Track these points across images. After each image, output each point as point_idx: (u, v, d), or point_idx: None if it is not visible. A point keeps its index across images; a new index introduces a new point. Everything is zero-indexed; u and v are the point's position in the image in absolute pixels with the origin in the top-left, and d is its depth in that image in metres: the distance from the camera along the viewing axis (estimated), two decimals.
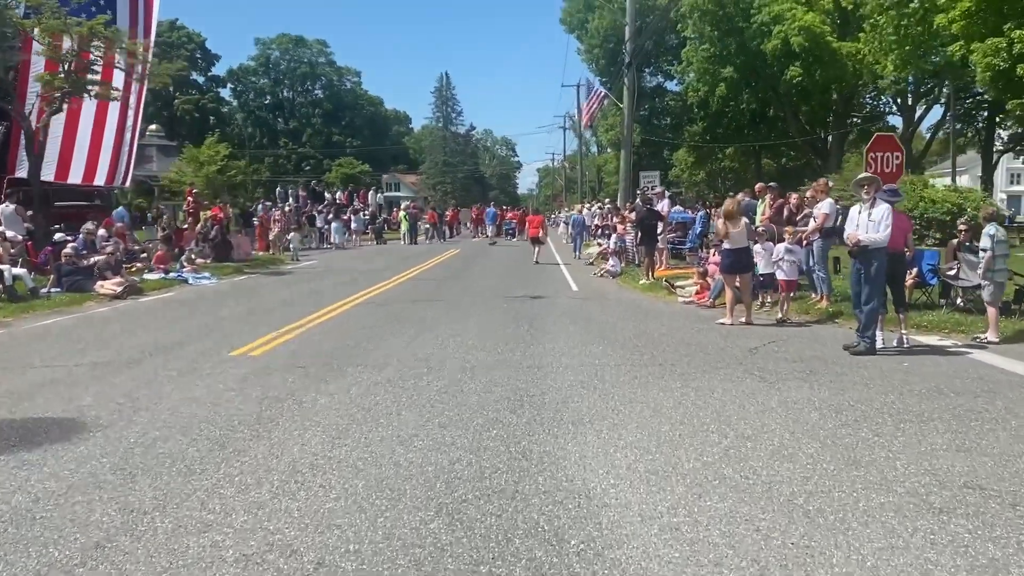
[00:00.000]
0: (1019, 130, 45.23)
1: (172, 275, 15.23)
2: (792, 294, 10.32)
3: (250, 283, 15.28)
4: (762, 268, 11.06)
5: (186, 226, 20.42)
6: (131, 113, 27.46)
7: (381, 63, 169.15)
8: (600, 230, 29.94)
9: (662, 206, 15.54)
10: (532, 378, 6.44)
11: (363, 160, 76.87)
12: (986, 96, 44.01)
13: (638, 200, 20.14)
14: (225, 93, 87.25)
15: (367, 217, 35.25)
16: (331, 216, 29.81)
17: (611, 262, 16.63)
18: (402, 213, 33.50)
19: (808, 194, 11.59)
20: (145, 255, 17.21)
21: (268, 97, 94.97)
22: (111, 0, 25.90)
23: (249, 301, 12.06)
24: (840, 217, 11.52)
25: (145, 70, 25.15)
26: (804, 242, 10.43)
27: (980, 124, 48.42)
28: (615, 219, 19.90)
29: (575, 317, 10.26)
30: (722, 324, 9.53)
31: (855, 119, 49.91)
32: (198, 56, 79.34)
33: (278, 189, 40.36)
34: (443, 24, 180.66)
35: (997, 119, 45.11)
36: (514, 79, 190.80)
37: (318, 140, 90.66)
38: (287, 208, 31.57)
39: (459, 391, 5.96)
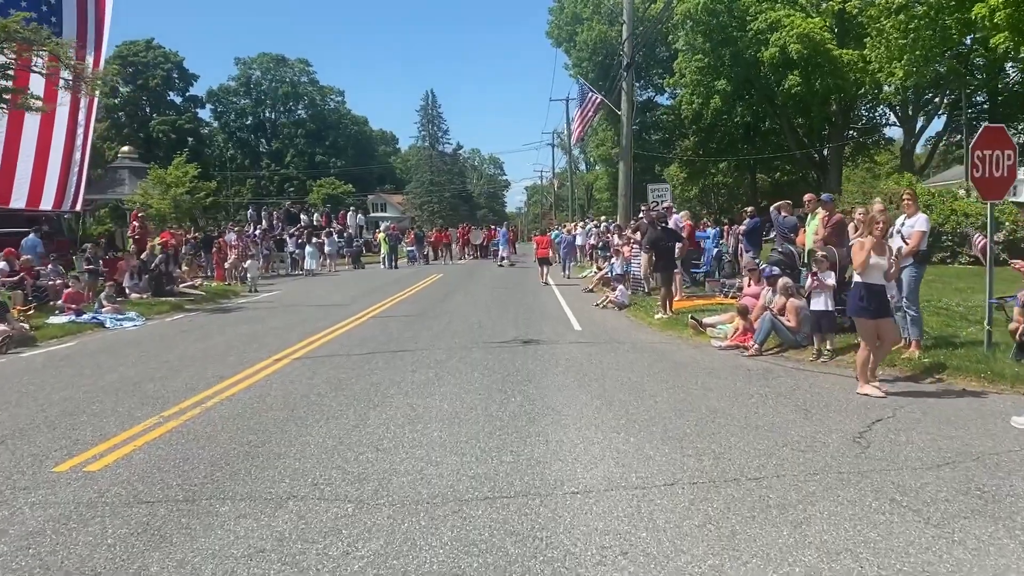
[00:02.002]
0: (1021, 140, 43.48)
1: (85, 317, 12.45)
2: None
3: (181, 326, 12.52)
4: (821, 304, 8.48)
5: (120, 255, 17.66)
6: (80, 131, 24.94)
7: (365, 83, 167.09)
8: (594, 251, 27.43)
9: (673, 223, 12.95)
10: (530, 525, 3.74)
11: (349, 181, 74.36)
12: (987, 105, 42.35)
13: (641, 216, 17.60)
14: (205, 114, 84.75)
15: (343, 240, 32.56)
16: (302, 240, 27.10)
17: (617, 291, 14.00)
18: (382, 235, 30.82)
19: (876, 207, 9.04)
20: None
21: (249, 118, 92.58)
22: (56, 10, 23.50)
23: (160, 355, 9.31)
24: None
25: (92, 79, 22.70)
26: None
27: (964, 135, 46.81)
28: (617, 239, 17.31)
29: (585, 376, 7.58)
30: (866, 395, 6.65)
31: (852, 132, 48.03)
32: (175, 76, 76.94)
33: (250, 211, 37.65)
34: (428, 42, 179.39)
35: None
36: (501, 96, 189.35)
37: (301, 161, 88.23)
38: (256, 231, 28.86)
39: (400, 572, 3.25)
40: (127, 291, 15.77)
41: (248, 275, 18.84)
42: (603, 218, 32.34)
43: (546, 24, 59.85)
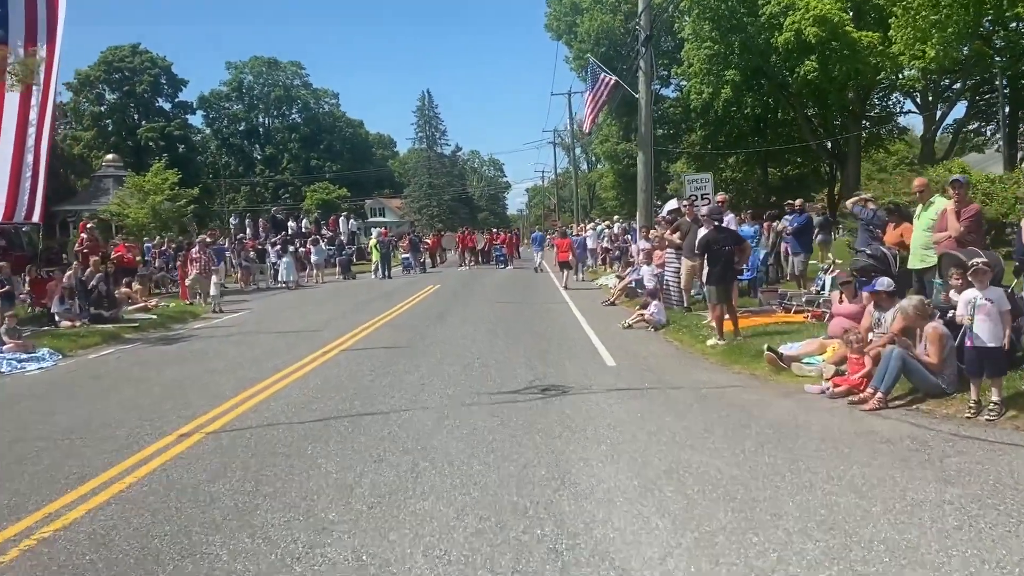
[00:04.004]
0: None
1: None
2: None
3: (98, 368, 9.77)
4: (989, 337, 5.70)
5: (52, 274, 14.98)
6: (32, 131, 22.23)
7: (361, 85, 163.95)
8: (608, 255, 24.77)
9: (728, 221, 10.23)
10: None
11: (345, 185, 71.66)
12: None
13: (677, 210, 14.84)
14: (197, 120, 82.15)
15: (333, 248, 29.85)
16: (281, 248, 24.41)
17: (651, 308, 11.23)
18: (373, 241, 28.05)
19: None
20: None
21: (242, 123, 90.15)
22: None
23: (25, 428, 6.55)
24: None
25: (48, 78, 20.25)
26: None
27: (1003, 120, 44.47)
28: (644, 242, 14.54)
29: (646, 465, 4.82)
30: None
31: (865, 122, 45.34)
32: (163, 81, 74.35)
33: (232, 218, 34.98)
34: (423, 42, 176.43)
35: (1021, 113, 40.68)
36: (500, 96, 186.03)
37: (296, 166, 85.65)
38: (230, 241, 26.18)
39: None
40: (57, 318, 13.10)
41: (211, 293, 16.11)
42: (616, 218, 29.58)
43: (544, 17, 57.04)
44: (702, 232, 9.59)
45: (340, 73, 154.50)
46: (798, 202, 13.82)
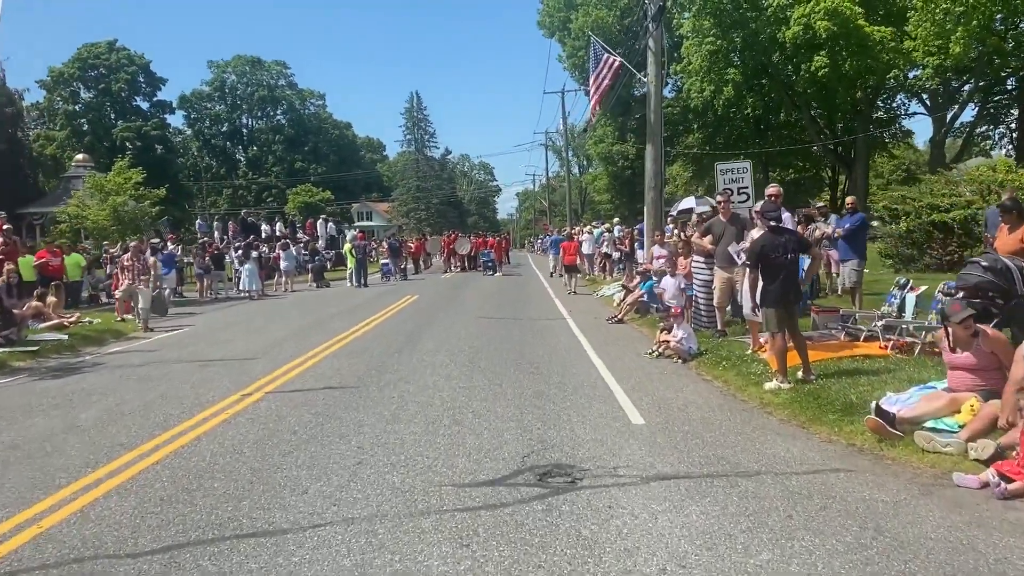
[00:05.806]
0: None
1: None
2: None
3: None
4: None
5: None
6: None
7: (349, 88, 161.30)
8: (607, 261, 22.37)
9: (785, 220, 7.76)
10: None
11: (332, 188, 68.87)
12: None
13: (690, 210, 12.40)
14: (178, 121, 79.22)
15: (307, 253, 27.27)
16: (243, 254, 21.79)
17: (679, 333, 8.73)
18: (348, 246, 25.45)
19: None
20: None
21: (225, 124, 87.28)
22: None
23: None
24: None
25: None
26: None
27: (1012, 123, 42.93)
28: (658, 247, 12.05)
29: None
30: None
31: (871, 125, 43.32)
32: (141, 80, 71.34)
33: (198, 222, 32.30)
34: (412, 43, 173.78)
35: None
36: (490, 99, 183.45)
37: (281, 169, 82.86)
38: (209, 243, 23.48)
39: None
40: None
41: (140, 307, 13.48)
42: (616, 220, 27.19)
43: (537, 14, 54.87)
44: (755, 235, 7.12)
45: (326, 74, 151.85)
46: (849, 200, 11.34)
